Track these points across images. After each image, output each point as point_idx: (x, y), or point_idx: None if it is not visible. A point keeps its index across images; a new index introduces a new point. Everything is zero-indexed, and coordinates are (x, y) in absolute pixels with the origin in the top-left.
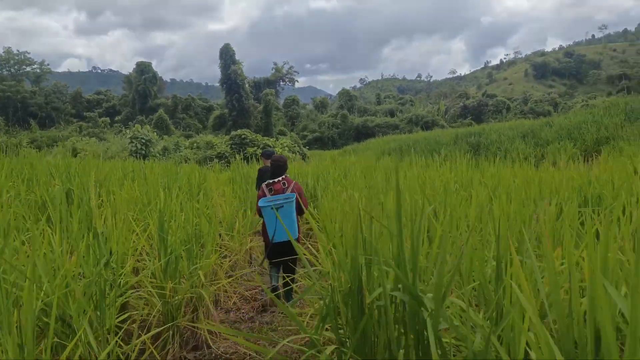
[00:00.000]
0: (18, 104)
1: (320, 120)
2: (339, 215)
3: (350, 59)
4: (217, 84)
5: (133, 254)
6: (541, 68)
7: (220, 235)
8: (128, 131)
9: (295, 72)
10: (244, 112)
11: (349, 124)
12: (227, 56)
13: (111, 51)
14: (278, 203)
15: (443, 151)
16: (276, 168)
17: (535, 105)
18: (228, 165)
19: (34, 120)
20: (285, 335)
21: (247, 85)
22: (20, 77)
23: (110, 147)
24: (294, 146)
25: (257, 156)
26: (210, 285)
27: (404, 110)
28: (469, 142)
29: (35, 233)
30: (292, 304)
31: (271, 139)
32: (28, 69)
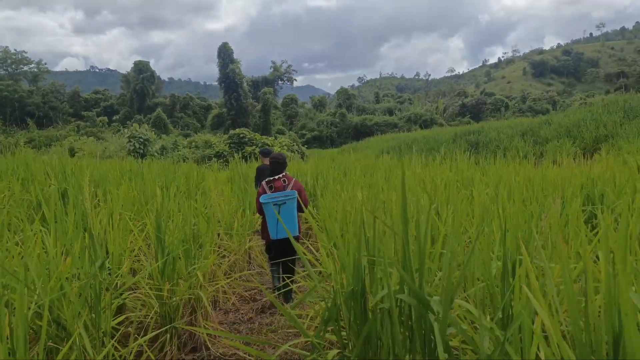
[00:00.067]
0: (15, 103)
1: (319, 119)
2: (340, 214)
3: (349, 58)
4: (215, 82)
5: (130, 254)
6: (539, 66)
7: (219, 235)
8: (126, 130)
9: (293, 70)
10: (243, 111)
11: (348, 122)
12: (225, 55)
13: (109, 50)
14: (279, 200)
15: (442, 149)
16: (276, 165)
17: (534, 104)
18: (226, 165)
19: (31, 119)
20: (286, 337)
21: (245, 84)
22: (17, 76)
23: (108, 147)
24: (293, 145)
25: (256, 155)
26: (209, 286)
27: (402, 108)
28: (468, 141)
29: (29, 234)
30: (292, 306)
31: (270, 138)
32: (25, 68)
